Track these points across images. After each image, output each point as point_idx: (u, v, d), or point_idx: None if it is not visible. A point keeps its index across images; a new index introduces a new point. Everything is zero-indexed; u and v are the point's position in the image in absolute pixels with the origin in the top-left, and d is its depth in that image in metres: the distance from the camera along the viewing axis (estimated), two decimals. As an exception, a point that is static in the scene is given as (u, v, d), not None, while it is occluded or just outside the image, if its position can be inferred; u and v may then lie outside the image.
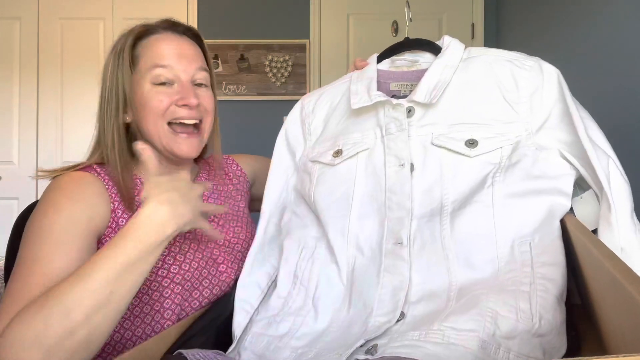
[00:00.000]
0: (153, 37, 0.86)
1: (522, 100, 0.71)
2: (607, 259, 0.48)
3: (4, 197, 2.87)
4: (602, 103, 1.80)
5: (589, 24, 1.90)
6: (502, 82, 0.73)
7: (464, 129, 0.71)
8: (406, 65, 0.84)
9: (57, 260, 0.69)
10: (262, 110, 2.94)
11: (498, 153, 0.68)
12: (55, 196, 0.76)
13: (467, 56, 0.79)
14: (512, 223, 0.63)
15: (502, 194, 0.65)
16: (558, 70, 0.73)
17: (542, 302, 0.55)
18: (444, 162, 0.70)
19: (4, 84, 2.91)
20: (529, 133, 0.69)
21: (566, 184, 0.66)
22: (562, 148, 0.68)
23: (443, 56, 0.78)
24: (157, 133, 0.84)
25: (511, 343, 0.51)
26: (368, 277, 0.68)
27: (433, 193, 0.69)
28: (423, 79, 0.76)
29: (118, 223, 0.80)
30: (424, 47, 0.84)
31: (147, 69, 0.84)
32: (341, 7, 2.97)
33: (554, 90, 0.71)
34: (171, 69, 0.84)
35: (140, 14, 2.88)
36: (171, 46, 0.85)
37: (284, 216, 0.85)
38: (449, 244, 0.64)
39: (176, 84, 0.85)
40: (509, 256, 0.61)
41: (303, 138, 0.89)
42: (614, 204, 0.62)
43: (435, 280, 0.62)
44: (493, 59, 0.76)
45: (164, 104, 0.83)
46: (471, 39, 2.97)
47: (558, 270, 0.59)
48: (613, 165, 0.65)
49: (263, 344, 0.68)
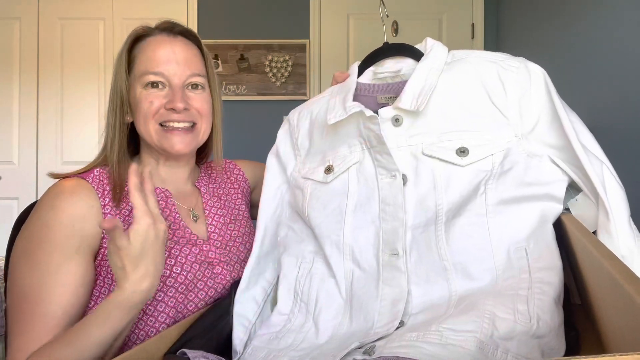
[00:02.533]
0: (149, 39, 0.88)
1: (511, 105, 0.70)
2: (606, 259, 0.48)
3: (4, 197, 2.87)
4: (602, 102, 1.80)
5: (588, 24, 1.90)
6: (489, 85, 0.71)
7: (454, 137, 0.70)
8: (390, 76, 0.82)
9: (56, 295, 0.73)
10: (262, 110, 2.94)
11: (489, 160, 0.68)
12: (47, 216, 0.77)
13: (451, 59, 0.77)
14: (507, 230, 0.63)
15: (495, 201, 0.65)
16: (544, 70, 0.71)
17: (539, 304, 0.55)
18: (437, 173, 0.69)
19: (4, 84, 2.91)
20: (519, 138, 0.69)
21: (558, 190, 0.66)
22: (552, 154, 0.68)
23: (427, 59, 0.76)
24: (148, 132, 0.87)
25: (509, 344, 0.51)
26: (367, 290, 0.68)
27: (427, 203, 0.68)
28: (407, 84, 0.74)
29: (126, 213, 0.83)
30: (404, 53, 0.81)
31: (141, 72, 0.86)
32: (341, 7, 2.97)
33: (542, 93, 0.70)
34: (161, 74, 0.86)
35: (140, 14, 2.88)
36: (165, 50, 0.86)
37: (280, 231, 0.85)
38: (446, 254, 0.64)
39: (167, 87, 0.86)
40: (506, 263, 0.61)
41: (293, 154, 0.88)
42: (612, 211, 0.62)
43: (435, 292, 0.62)
44: (477, 61, 0.74)
45: (154, 106, 0.85)
46: (471, 39, 2.97)
47: (555, 274, 0.59)
48: (607, 171, 0.65)
49: (263, 354, 0.68)
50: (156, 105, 0.85)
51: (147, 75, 0.85)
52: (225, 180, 1.03)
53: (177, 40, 0.88)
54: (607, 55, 1.76)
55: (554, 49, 2.20)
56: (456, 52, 0.78)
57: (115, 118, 0.87)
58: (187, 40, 0.90)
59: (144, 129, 0.87)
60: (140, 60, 0.87)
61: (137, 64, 0.87)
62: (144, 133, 0.87)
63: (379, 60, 0.84)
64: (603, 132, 1.76)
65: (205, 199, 0.95)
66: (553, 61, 2.20)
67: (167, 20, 0.90)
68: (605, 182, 0.63)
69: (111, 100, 0.88)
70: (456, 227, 0.65)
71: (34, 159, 2.91)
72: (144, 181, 0.70)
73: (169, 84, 0.86)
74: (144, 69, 0.86)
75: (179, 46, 0.88)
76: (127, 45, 0.87)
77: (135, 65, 0.87)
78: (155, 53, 0.86)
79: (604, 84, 1.78)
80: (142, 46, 0.88)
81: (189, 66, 0.87)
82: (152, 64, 0.85)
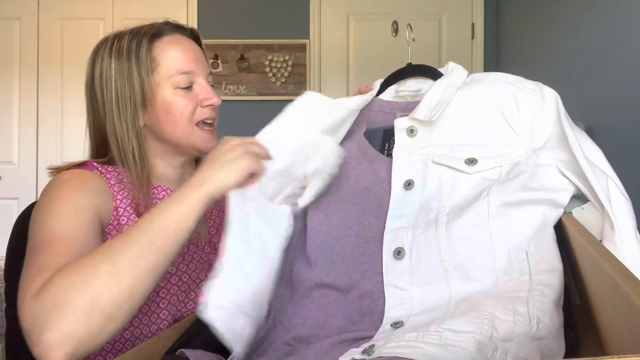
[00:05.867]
0: (165, 38, 0.85)
1: (524, 124, 0.72)
2: (605, 260, 0.48)
3: (4, 197, 2.87)
4: (602, 101, 1.80)
5: (588, 24, 1.90)
6: (504, 103, 0.74)
7: (465, 149, 0.72)
8: (410, 95, 0.84)
9: (74, 238, 0.70)
10: (262, 110, 2.94)
11: (497, 171, 0.69)
12: (61, 189, 0.77)
13: (469, 80, 0.80)
14: (508, 231, 0.63)
15: (498, 203, 0.65)
16: (557, 94, 0.74)
17: (539, 306, 0.55)
18: (444, 179, 0.71)
19: (4, 84, 2.91)
20: (529, 154, 0.70)
21: (562, 198, 0.67)
22: (561, 165, 0.69)
23: (446, 78, 0.79)
24: (185, 135, 0.84)
25: (509, 345, 0.51)
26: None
27: (430, 205, 0.69)
28: (424, 98, 0.76)
29: (119, 222, 0.80)
30: (426, 75, 0.85)
31: (170, 73, 0.83)
32: (341, 7, 2.98)
33: (553, 115, 0.72)
34: (192, 72, 0.84)
35: (140, 14, 2.88)
36: (188, 50, 0.85)
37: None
38: (446, 255, 0.64)
39: (194, 85, 0.85)
40: (507, 266, 0.61)
41: None
42: (617, 223, 0.62)
43: (435, 293, 0.62)
44: (494, 81, 0.77)
45: (190, 107, 0.84)
46: (471, 39, 2.97)
47: (555, 276, 0.59)
48: (612, 184, 0.65)
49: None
50: (191, 106, 0.84)
51: (178, 76, 0.83)
52: None
53: (190, 40, 0.88)
54: (607, 54, 1.76)
55: (554, 49, 2.20)
56: (474, 75, 0.81)
57: (130, 124, 0.82)
58: (193, 40, 0.90)
59: (181, 132, 0.84)
60: (164, 60, 0.83)
61: (161, 65, 0.83)
62: (171, 134, 0.84)
63: (401, 79, 0.87)
64: (603, 132, 1.76)
65: None
66: (553, 61, 2.20)
67: (168, 20, 0.89)
68: (610, 196, 0.64)
69: (119, 105, 0.82)
70: (457, 229, 0.65)
71: (34, 159, 2.92)
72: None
73: (196, 81, 0.85)
74: (173, 70, 0.83)
75: (194, 45, 0.88)
76: (145, 45, 0.82)
77: (159, 66, 0.83)
78: (180, 53, 0.84)
79: (604, 84, 1.79)
80: (160, 46, 0.84)
81: (206, 63, 0.88)
82: (181, 65, 0.83)
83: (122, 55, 0.82)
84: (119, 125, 0.83)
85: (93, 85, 0.86)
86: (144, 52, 0.82)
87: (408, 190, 0.72)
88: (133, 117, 0.83)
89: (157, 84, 0.83)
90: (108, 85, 0.83)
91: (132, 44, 0.82)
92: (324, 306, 0.70)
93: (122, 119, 0.82)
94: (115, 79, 0.82)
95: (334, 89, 2.92)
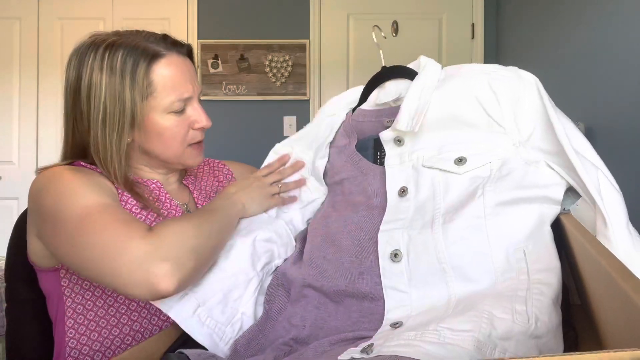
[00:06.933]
0: (162, 60, 0.82)
1: (506, 115, 0.71)
2: (603, 257, 0.48)
3: (4, 197, 2.87)
4: (602, 102, 1.80)
5: (588, 24, 1.91)
6: (481, 96, 0.72)
7: (453, 149, 0.72)
8: (392, 100, 0.84)
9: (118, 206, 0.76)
10: (262, 110, 2.94)
11: (487, 167, 0.69)
12: (66, 175, 0.77)
13: (444, 76, 0.79)
14: (505, 231, 0.63)
15: (493, 203, 0.65)
16: (536, 78, 0.72)
17: (538, 305, 0.55)
18: (436, 182, 0.71)
19: (4, 84, 2.91)
20: (517, 147, 0.70)
21: (556, 193, 0.66)
22: (548, 159, 0.68)
23: (419, 78, 0.78)
24: (176, 155, 0.87)
25: (507, 344, 0.51)
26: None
27: (425, 208, 0.70)
28: (403, 106, 0.76)
29: (127, 202, 0.82)
30: (401, 75, 0.84)
31: (168, 101, 0.82)
32: (341, 7, 2.98)
33: (535, 101, 0.70)
34: (186, 99, 0.84)
35: (140, 14, 2.88)
36: (184, 72, 0.84)
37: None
38: (444, 256, 0.64)
39: (187, 108, 0.85)
40: (505, 265, 0.61)
41: None
42: (609, 217, 0.62)
43: (434, 294, 0.62)
44: (468, 75, 0.76)
45: (182, 132, 0.85)
46: (471, 39, 2.97)
47: (553, 275, 0.59)
48: (602, 176, 0.64)
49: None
50: (184, 130, 0.85)
51: (175, 103, 0.82)
52: (213, 178, 1.05)
53: (185, 58, 0.87)
54: (607, 55, 1.76)
55: (553, 49, 2.20)
56: (448, 69, 0.80)
57: (115, 139, 0.80)
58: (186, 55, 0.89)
59: (163, 151, 0.85)
60: (162, 86, 0.81)
61: (159, 91, 0.81)
62: (161, 154, 0.86)
63: (379, 84, 0.87)
64: (603, 132, 1.76)
65: (195, 196, 0.96)
66: (553, 61, 2.20)
67: (165, 34, 0.86)
68: (600, 188, 0.63)
69: (106, 119, 0.79)
70: (454, 230, 0.65)
71: (34, 159, 2.92)
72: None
73: (189, 105, 0.85)
74: (172, 97, 0.82)
75: (188, 64, 0.87)
76: (142, 67, 0.80)
77: (155, 91, 0.81)
78: (179, 79, 0.83)
79: (604, 84, 1.79)
80: (157, 70, 0.81)
81: (196, 82, 0.89)
82: (180, 92, 0.82)
83: (115, 72, 0.79)
84: (102, 143, 0.80)
85: (78, 93, 0.81)
86: (140, 75, 0.79)
87: (402, 197, 0.72)
88: (119, 137, 0.81)
89: (150, 108, 0.81)
90: (96, 101, 0.79)
91: (127, 63, 0.79)
92: (322, 307, 0.70)
93: (107, 137, 0.80)
94: (105, 96, 0.79)
95: (333, 89, 2.92)
